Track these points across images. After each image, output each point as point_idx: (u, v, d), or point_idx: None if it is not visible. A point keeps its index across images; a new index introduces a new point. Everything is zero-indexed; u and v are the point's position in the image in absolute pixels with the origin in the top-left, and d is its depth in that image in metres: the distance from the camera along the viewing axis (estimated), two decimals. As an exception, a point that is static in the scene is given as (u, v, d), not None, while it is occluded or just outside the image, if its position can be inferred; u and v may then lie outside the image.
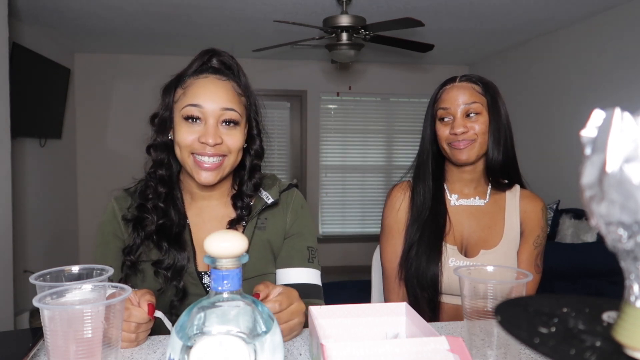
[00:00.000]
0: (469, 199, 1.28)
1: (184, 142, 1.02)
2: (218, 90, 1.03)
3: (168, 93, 1.08)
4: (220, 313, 0.52)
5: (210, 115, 1.01)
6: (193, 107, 1.01)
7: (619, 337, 0.36)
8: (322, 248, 5.57)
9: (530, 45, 4.47)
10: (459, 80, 1.24)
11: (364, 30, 3.27)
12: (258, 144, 1.13)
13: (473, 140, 1.20)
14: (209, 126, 1.01)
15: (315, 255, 1.16)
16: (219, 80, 1.05)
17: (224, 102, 1.02)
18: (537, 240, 1.24)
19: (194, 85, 1.04)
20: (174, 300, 1.05)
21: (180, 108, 1.03)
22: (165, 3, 3.40)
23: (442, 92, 1.25)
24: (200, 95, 1.02)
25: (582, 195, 0.36)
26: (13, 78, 2.96)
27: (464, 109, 1.20)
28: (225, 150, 1.03)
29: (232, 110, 1.03)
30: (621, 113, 0.33)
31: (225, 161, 1.04)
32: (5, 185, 2.80)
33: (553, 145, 4.11)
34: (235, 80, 1.08)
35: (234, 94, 1.05)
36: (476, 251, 1.23)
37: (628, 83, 3.31)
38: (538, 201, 1.27)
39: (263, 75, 5.27)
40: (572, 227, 3.40)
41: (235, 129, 1.04)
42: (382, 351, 0.59)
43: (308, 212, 1.19)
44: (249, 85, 1.11)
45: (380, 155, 5.70)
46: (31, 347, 0.78)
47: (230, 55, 1.12)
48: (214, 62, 1.09)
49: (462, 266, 1.11)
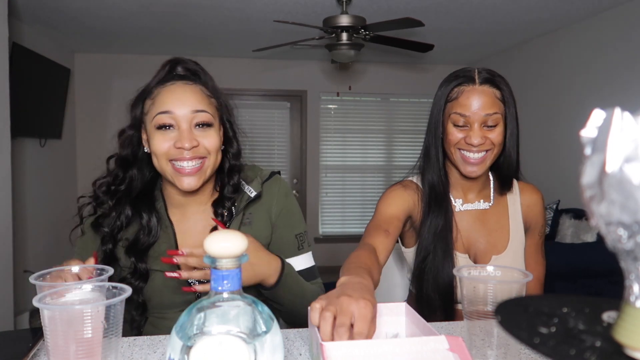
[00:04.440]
0: (473, 203, 1.24)
1: (160, 150, 1.01)
2: (187, 94, 1.02)
3: (136, 107, 1.07)
4: (220, 313, 0.52)
5: (182, 120, 1.00)
6: (164, 115, 1.00)
7: (619, 337, 0.36)
8: (322, 248, 5.59)
9: (530, 45, 4.47)
10: (480, 83, 1.13)
11: (364, 30, 3.27)
12: (235, 145, 1.11)
13: (487, 150, 1.14)
14: (183, 130, 1.00)
15: (304, 239, 1.16)
16: (186, 84, 1.04)
17: (194, 104, 1.01)
18: (541, 230, 1.26)
19: (162, 93, 1.03)
20: (134, 314, 1.05)
21: (152, 118, 1.01)
22: (165, 3, 3.40)
23: (460, 92, 1.13)
24: (169, 101, 1.01)
25: (582, 195, 0.36)
26: (13, 78, 2.97)
27: (483, 118, 1.11)
28: (203, 152, 1.02)
29: (204, 112, 1.02)
30: (621, 113, 0.33)
31: (205, 163, 1.03)
32: (5, 185, 2.80)
33: (553, 145, 4.11)
34: (202, 84, 1.07)
35: (203, 96, 1.04)
36: (487, 258, 1.20)
37: (628, 83, 3.31)
38: (537, 193, 1.27)
39: (263, 75, 5.27)
40: (572, 227, 3.40)
41: (210, 130, 1.03)
42: (382, 351, 0.59)
43: (292, 199, 1.18)
44: (217, 88, 1.10)
45: (380, 155, 5.70)
46: (31, 347, 0.78)
47: (193, 61, 1.11)
48: (178, 70, 1.08)
49: (462, 266, 1.11)
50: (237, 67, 5.23)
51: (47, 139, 4.23)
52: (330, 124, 5.62)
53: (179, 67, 1.08)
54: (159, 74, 1.08)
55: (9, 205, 2.85)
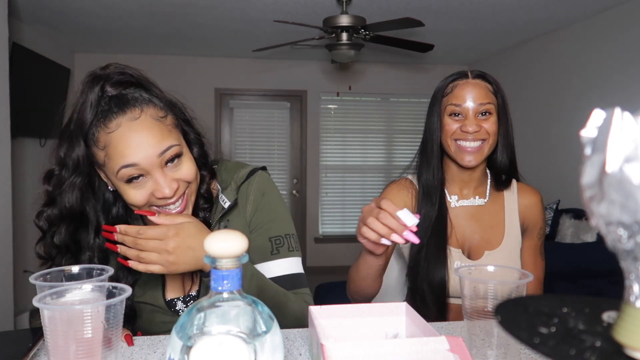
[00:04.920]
0: (469, 199, 1.26)
1: (140, 203, 0.89)
2: (142, 136, 0.85)
3: (72, 148, 0.89)
4: (220, 313, 0.52)
5: (150, 167, 0.86)
6: (128, 169, 0.85)
7: (619, 337, 0.36)
8: (322, 248, 5.57)
9: (530, 45, 4.47)
10: (473, 77, 1.19)
11: (364, 30, 3.27)
12: (196, 150, 0.97)
13: (483, 140, 1.17)
14: (157, 178, 0.87)
15: (283, 242, 1.03)
16: (134, 121, 0.86)
17: (157, 145, 0.86)
18: (540, 232, 1.27)
19: (112, 142, 0.85)
20: None
21: (114, 172, 0.86)
22: (165, 3, 3.40)
23: (455, 86, 1.19)
24: (126, 152, 0.85)
25: (582, 195, 0.36)
26: (13, 78, 2.97)
27: (477, 108, 1.17)
28: (184, 186, 0.92)
29: (170, 148, 0.88)
30: (621, 113, 0.33)
31: (188, 192, 0.93)
32: (5, 185, 2.80)
33: (553, 145, 4.11)
34: (147, 103, 0.89)
35: (159, 127, 0.88)
36: (480, 253, 1.22)
37: (628, 83, 3.31)
38: (536, 194, 1.28)
39: (263, 75, 5.27)
40: (572, 227, 3.40)
41: (182, 160, 0.91)
42: (382, 351, 0.59)
43: (272, 197, 1.06)
44: (161, 92, 0.94)
45: (380, 155, 5.70)
46: (31, 347, 0.78)
47: (118, 69, 0.91)
48: (108, 92, 0.88)
49: (463, 266, 1.11)
50: (237, 67, 5.23)
51: (47, 139, 4.23)
52: (330, 124, 5.62)
53: (107, 87, 0.88)
54: (87, 101, 0.87)
55: (9, 205, 2.85)
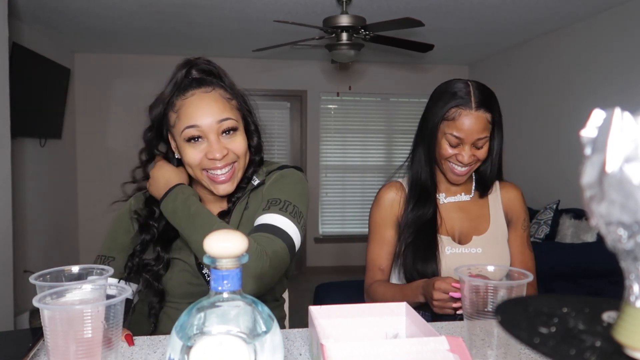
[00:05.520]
0: (455, 195, 1.37)
1: (194, 162, 1.07)
2: (209, 105, 1.06)
3: (156, 112, 1.11)
4: (220, 313, 0.52)
5: (209, 131, 1.05)
6: (191, 129, 1.05)
7: (619, 337, 0.36)
8: (322, 248, 5.57)
9: (530, 45, 4.47)
10: (476, 108, 1.22)
11: (364, 30, 3.27)
12: (255, 139, 1.17)
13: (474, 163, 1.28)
14: (212, 142, 1.06)
15: (277, 203, 1.07)
16: (206, 93, 1.08)
17: (218, 114, 1.06)
18: (524, 224, 1.37)
19: (184, 106, 1.07)
20: (153, 301, 1.11)
21: (180, 132, 1.07)
22: (165, 3, 3.40)
23: (458, 115, 1.23)
24: (193, 115, 1.05)
25: (582, 195, 0.36)
26: (13, 78, 2.96)
27: (475, 141, 1.25)
28: (233, 157, 1.08)
29: (228, 119, 1.07)
30: (621, 113, 0.33)
31: (236, 167, 1.10)
32: (5, 185, 2.80)
33: (553, 145, 4.11)
34: (220, 86, 1.11)
35: (224, 102, 1.08)
36: (469, 238, 1.33)
37: (628, 83, 3.31)
38: (516, 189, 1.39)
39: (263, 75, 5.26)
40: (572, 227, 3.40)
41: (236, 134, 1.09)
42: (382, 351, 0.59)
43: (290, 180, 1.15)
44: (233, 84, 1.15)
45: (380, 155, 5.70)
46: (31, 347, 0.78)
47: (205, 60, 1.14)
48: (193, 74, 1.12)
49: (463, 266, 1.11)
50: (237, 67, 5.19)
51: (47, 139, 4.23)
52: (330, 124, 5.62)
53: (193, 71, 1.12)
54: (175, 78, 1.11)
55: (9, 205, 2.85)
